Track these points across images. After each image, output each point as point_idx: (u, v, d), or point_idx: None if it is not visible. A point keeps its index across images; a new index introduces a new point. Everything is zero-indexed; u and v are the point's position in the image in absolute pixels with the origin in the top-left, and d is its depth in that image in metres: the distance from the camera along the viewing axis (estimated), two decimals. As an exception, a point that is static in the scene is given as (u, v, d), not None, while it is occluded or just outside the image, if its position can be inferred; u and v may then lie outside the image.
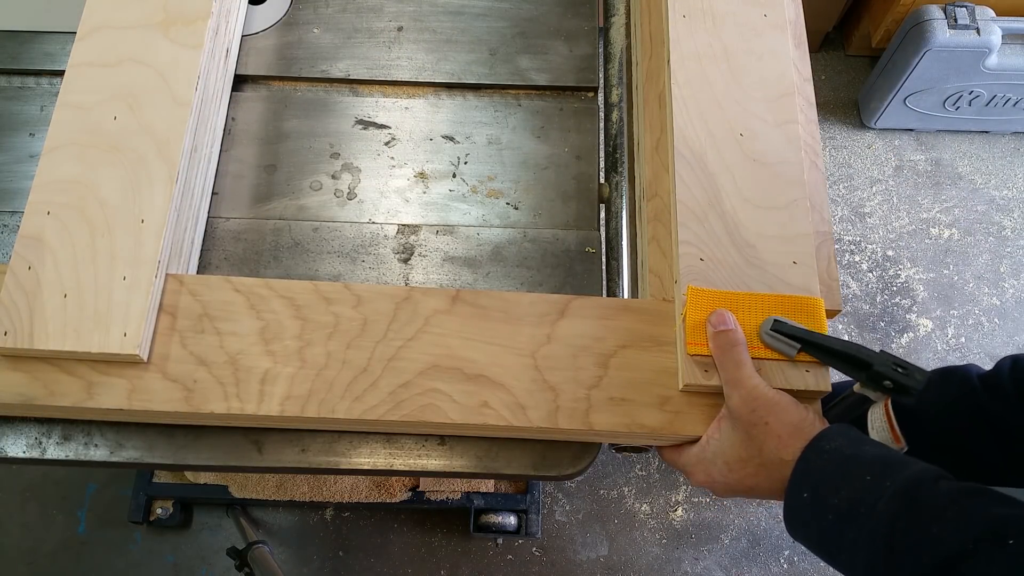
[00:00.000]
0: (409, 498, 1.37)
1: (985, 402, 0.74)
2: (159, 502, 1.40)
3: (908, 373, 0.58)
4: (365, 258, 0.76)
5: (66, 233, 0.65)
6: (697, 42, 0.76)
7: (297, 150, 0.80)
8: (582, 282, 0.76)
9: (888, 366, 0.58)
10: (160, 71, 0.71)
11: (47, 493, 1.49)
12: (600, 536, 1.49)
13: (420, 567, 1.45)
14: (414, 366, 0.65)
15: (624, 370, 0.66)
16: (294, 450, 0.68)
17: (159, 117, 0.70)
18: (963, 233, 1.75)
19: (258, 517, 1.48)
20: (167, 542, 1.46)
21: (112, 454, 0.67)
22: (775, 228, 0.69)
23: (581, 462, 0.69)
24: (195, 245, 0.74)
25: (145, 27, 0.73)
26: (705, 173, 0.71)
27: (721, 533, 1.50)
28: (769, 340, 0.64)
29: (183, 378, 0.64)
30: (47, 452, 0.67)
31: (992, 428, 0.73)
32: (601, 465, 1.54)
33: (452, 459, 0.69)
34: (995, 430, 0.73)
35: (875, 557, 0.51)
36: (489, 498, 1.38)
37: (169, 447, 0.67)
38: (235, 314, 0.66)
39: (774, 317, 0.64)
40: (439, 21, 0.87)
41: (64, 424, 0.68)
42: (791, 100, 0.74)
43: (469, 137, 0.82)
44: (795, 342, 0.63)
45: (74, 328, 0.63)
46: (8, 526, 1.46)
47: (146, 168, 0.68)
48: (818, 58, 1.91)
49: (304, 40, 0.85)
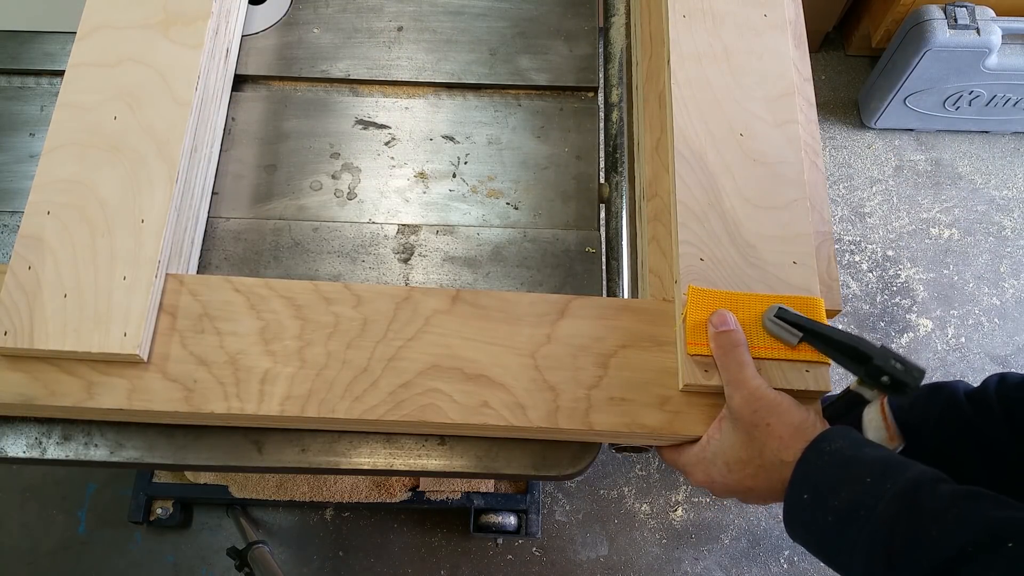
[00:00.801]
0: (409, 498, 1.37)
1: (971, 419, 0.74)
2: (159, 502, 1.40)
3: (907, 369, 0.58)
4: (365, 258, 0.76)
5: (66, 233, 0.65)
6: (697, 42, 0.76)
7: (297, 150, 0.80)
8: (582, 282, 0.76)
9: (888, 361, 0.58)
10: (160, 71, 0.71)
11: (47, 493, 1.49)
12: (600, 536, 1.49)
13: (420, 567, 1.45)
14: (414, 366, 0.65)
15: (624, 370, 0.66)
16: (294, 450, 0.68)
17: (159, 117, 0.70)
18: (963, 233, 1.75)
19: (258, 517, 1.48)
20: (167, 542, 1.46)
21: (112, 454, 0.67)
22: (775, 228, 0.69)
23: (581, 462, 0.69)
24: (195, 245, 0.74)
25: (145, 27, 0.73)
26: (705, 173, 0.71)
27: (721, 533, 1.50)
28: (772, 327, 0.64)
29: (183, 378, 0.64)
30: (47, 452, 0.67)
31: (977, 445, 0.73)
32: (601, 465, 1.54)
33: (452, 459, 0.69)
34: (980, 447, 0.73)
35: (874, 559, 0.51)
36: (489, 498, 1.38)
37: (169, 447, 0.67)
38: (235, 314, 0.66)
39: (779, 305, 0.64)
40: (439, 21, 0.87)
41: (64, 424, 0.68)
42: (791, 100, 0.74)
43: (469, 137, 0.82)
44: (797, 331, 0.63)
45: (74, 328, 0.63)
46: (8, 526, 1.46)
47: (146, 168, 0.68)
48: (818, 58, 1.91)
49: (304, 40, 0.85)
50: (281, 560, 1.44)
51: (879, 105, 1.75)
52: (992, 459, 0.72)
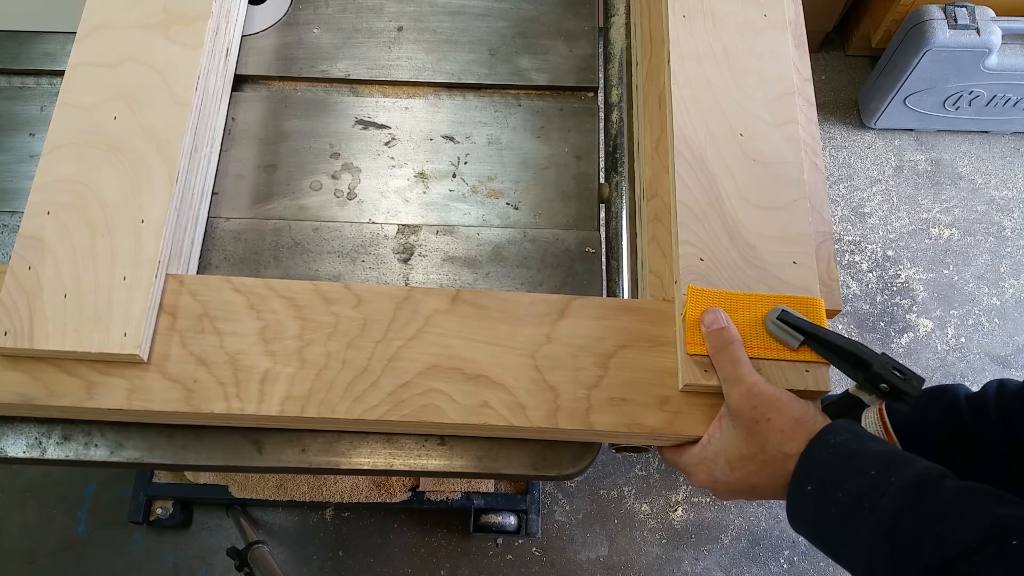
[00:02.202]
0: (409, 498, 1.37)
1: (970, 424, 0.74)
2: (159, 502, 1.40)
3: (906, 378, 0.58)
4: (365, 258, 0.76)
5: (66, 233, 0.65)
6: (697, 42, 0.76)
7: (297, 150, 0.80)
8: (582, 282, 0.76)
9: (887, 369, 0.58)
10: (160, 71, 0.71)
11: (47, 493, 1.49)
12: (600, 536, 1.49)
13: (420, 567, 1.45)
14: (414, 366, 0.65)
15: (624, 370, 0.66)
16: (294, 450, 0.68)
17: (159, 117, 0.70)
18: (963, 233, 1.75)
19: (258, 517, 1.48)
20: (167, 542, 1.46)
21: (112, 454, 0.67)
22: (775, 228, 0.69)
23: (581, 462, 0.69)
24: (195, 245, 0.74)
25: (145, 27, 0.73)
26: (705, 173, 0.71)
27: (721, 533, 1.50)
28: (774, 329, 0.64)
29: (183, 378, 0.64)
30: (47, 452, 0.67)
31: (976, 450, 0.73)
32: (601, 465, 1.54)
33: (452, 459, 0.69)
34: (979, 452, 0.73)
35: (877, 552, 0.51)
36: (489, 498, 1.38)
37: (169, 447, 0.67)
38: (235, 314, 0.66)
39: (782, 307, 0.65)
40: (439, 21, 0.87)
41: (64, 424, 0.68)
42: (791, 100, 0.74)
43: (469, 137, 0.82)
44: (799, 334, 0.63)
45: (74, 328, 0.63)
46: (8, 526, 1.46)
47: (146, 168, 0.68)
48: (818, 58, 1.91)
49: (304, 40, 0.85)
50: (281, 560, 1.44)
51: (879, 105, 1.75)
52: (990, 465, 0.72)
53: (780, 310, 0.64)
